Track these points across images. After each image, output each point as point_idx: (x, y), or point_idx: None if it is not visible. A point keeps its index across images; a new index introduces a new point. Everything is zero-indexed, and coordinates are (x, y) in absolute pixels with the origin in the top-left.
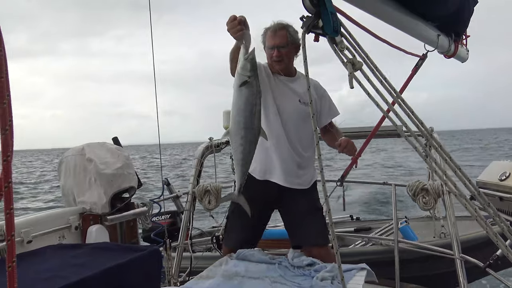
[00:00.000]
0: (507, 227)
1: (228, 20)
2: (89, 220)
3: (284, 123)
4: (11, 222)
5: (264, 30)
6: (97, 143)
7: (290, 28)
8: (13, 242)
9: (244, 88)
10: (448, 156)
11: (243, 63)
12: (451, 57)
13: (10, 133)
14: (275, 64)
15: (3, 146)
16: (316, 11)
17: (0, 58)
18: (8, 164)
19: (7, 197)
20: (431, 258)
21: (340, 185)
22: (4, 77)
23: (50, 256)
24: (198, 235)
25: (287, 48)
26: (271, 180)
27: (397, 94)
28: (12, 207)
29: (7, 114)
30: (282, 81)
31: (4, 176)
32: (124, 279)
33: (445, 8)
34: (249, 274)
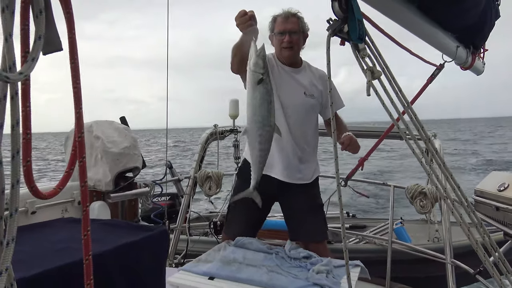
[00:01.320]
0: (488, 237)
1: (237, 15)
2: (92, 196)
3: (287, 116)
4: (86, 193)
5: (272, 18)
6: (105, 121)
7: (301, 17)
8: (87, 212)
9: (260, 87)
10: (442, 162)
11: (256, 60)
12: (467, 69)
13: None
14: (284, 51)
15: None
16: (344, 16)
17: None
18: (82, 140)
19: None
20: (423, 261)
21: (344, 185)
22: (78, 85)
23: (61, 229)
24: (195, 219)
25: (298, 35)
26: (272, 176)
27: (408, 104)
28: (86, 180)
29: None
30: (287, 72)
31: (79, 151)
32: (134, 256)
33: (466, 20)
34: (247, 261)
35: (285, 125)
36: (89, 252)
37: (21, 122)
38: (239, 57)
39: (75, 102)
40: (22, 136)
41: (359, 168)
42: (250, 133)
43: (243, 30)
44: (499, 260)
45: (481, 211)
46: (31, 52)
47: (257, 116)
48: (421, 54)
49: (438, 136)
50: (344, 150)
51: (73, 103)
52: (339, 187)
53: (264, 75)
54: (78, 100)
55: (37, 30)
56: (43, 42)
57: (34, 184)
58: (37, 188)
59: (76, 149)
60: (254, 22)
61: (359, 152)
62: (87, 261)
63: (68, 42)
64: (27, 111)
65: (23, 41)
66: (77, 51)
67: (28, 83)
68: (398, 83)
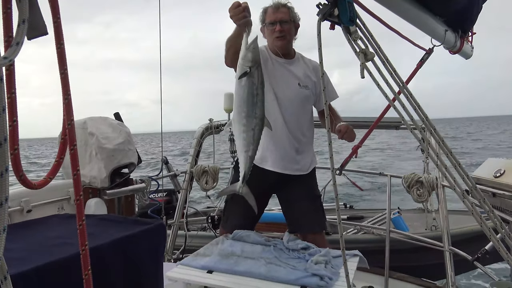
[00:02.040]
0: (500, 222)
1: (231, 6)
2: (88, 193)
3: (282, 107)
4: (78, 182)
5: (263, 9)
6: (99, 117)
7: (291, 7)
8: (81, 202)
9: (245, 79)
10: (450, 151)
11: (245, 53)
12: (456, 53)
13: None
14: (276, 41)
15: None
16: (333, 0)
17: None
18: (72, 127)
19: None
20: (421, 249)
21: (339, 173)
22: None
23: (57, 224)
24: (193, 214)
25: (289, 24)
26: (270, 169)
27: (403, 84)
28: (78, 168)
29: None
30: (281, 63)
31: (70, 139)
32: (133, 250)
33: (454, 4)
34: (245, 254)
35: (281, 117)
36: (85, 242)
37: (7, 109)
38: (233, 49)
39: (63, 88)
40: (9, 123)
41: (353, 155)
42: (235, 123)
43: (237, 21)
44: (507, 236)
45: (478, 197)
46: (15, 36)
47: (241, 107)
48: None
49: None
50: (340, 139)
51: (61, 90)
52: (334, 173)
53: (252, 68)
54: (66, 85)
55: (20, 14)
56: (27, 26)
57: (23, 173)
58: (26, 177)
59: (66, 136)
60: (248, 14)
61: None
62: (83, 251)
63: (53, 26)
64: (12, 97)
65: (6, 25)
66: (63, 35)
67: (13, 68)
68: (392, 64)
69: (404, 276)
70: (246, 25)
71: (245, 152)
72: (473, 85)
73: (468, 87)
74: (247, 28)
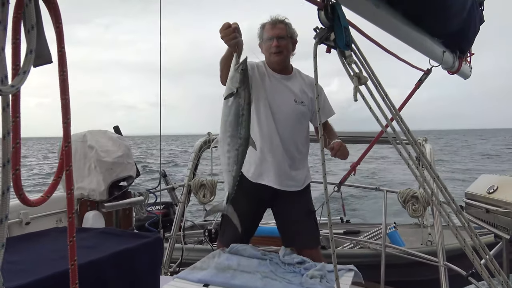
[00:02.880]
0: (476, 237)
1: (221, 27)
2: (86, 206)
3: (278, 124)
4: (71, 201)
5: (261, 25)
6: (99, 131)
7: (288, 23)
8: (73, 219)
9: (231, 99)
10: (429, 164)
11: (233, 74)
12: (454, 73)
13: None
14: (273, 56)
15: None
16: (330, 25)
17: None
18: (68, 149)
19: (68, 179)
20: (416, 264)
21: (338, 190)
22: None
23: (56, 238)
24: (190, 228)
25: (286, 40)
26: (264, 184)
27: (395, 110)
28: (72, 188)
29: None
30: (278, 79)
31: (66, 160)
32: (130, 263)
33: (451, 26)
34: (241, 268)
35: (276, 133)
36: (74, 258)
37: (11, 132)
38: (227, 69)
39: (63, 113)
40: (12, 145)
41: (352, 173)
42: (220, 143)
43: (227, 42)
44: (489, 261)
45: (472, 214)
46: (23, 65)
47: (226, 126)
48: (410, 61)
49: None
50: (333, 156)
51: (61, 115)
52: (326, 191)
53: (239, 89)
54: (66, 110)
55: (28, 45)
56: (34, 56)
57: (23, 191)
58: (25, 195)
59: (63, 158)
60: (239, 34)
61: (349, 158)
62: (72, 266)
63: (57, 55)
64: (16, 121)
65: (14, 54)
66: (66, 63)
67: (18, 94)
68: (384, 88)
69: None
70: (236, 45)
71: (229, 172)
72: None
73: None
74: (238, 49)
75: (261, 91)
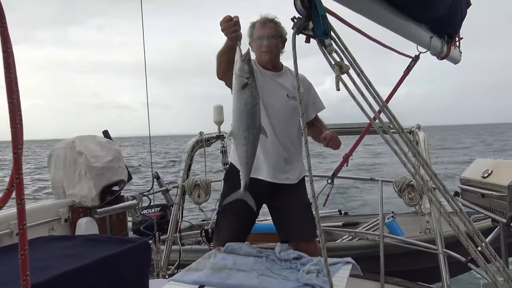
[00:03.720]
0: (469, 222)
1: (222, 20)
2: (78, 212)
3: (271, 118)
4: (22, 212)
5: (251, 24)
6: (87, 136)
7: (278, 22)
8: (25, 231)
9: (245, 90)
10: (417, 151)
11: (241, 65)
12: (443, 58)
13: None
14: (264, 55)
15: (13, 140)
16: (307, 14)
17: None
18: (18, 156)
19: (18, 189)
20: (415, 253)
21: (331, 183)
22: (12, 74)
23: (41, 247)
24: (188, 228)
25: (276, 39)
26: (259, 178)
27: (380, 99)
28: (23, 198)
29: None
30: (269, 76)
31: (16, 168)
32: (115, 270)
33: (437, 10)
34: (237, 266)
35: (270, 127)
36: (26, 273)
37: None
38: (225, 62)
39: (10, 117)
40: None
41: (344, 164)
42: (236, 135)
43: (228, 35)
44: (484, 247)
45: (468, 199)
46: None
47: (242, 119)
48: (394, 45)
49: None
50: (326, 146)
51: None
52: (312, 184)
53: (249, 80)
54: (14, 114)
55: None
56: None
57: None
58: None
59: (13, 166)
60: (239, 28)
61: (341, 148)
62: (24, 282)
63: (3, 56)
64: None
65: None
66: (14, 63)
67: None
68: (367, 76)
69: (400, 281)
70: (237, 38)
71: (246, 164)
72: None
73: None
74: (239, 41)
75: None
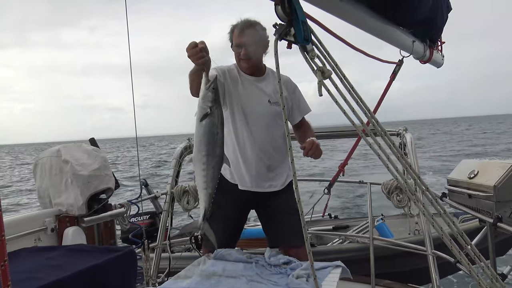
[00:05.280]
0: (452, 222)
1: (188, 46)
2: (65, 222)
3: (251, 126)
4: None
5: (231, 28)
6: (73, 145)
7: (257, 26)
8: (3, 242)
9: (206, 120)
10: (400, 154)
11: (205, 93)
12: (426, 62)
13: None
14: (243, 63)
15: None
16: (289, 20)
17: None
18: None
19: None
20: (405, 255)
21: (328, 193)
22: None
23: (25, 259)
24: (177, 235)
25: (255, 46)
26: (242, 189)
27: (363, 103)
28: None
29: None
30: (250, 81)
31: None
32: (100, 279)
33: (417, 15)
34: (226, 273)
35: (249, 135)
36: (8, 283)
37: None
38: (196, 83)
39: None
40: None
41: (340, 174)
42: (195, 162)
43: (195, 61)
44: (468, 248)
45: (455, 200)
46: None
47: (201, 145)
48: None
49: None
50: (305, 156)
51: None
52: (297, 190)
53: (212, 109)
54: None
55: None
56: None
57: None
58: None
59: None
60: (206, 53)
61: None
62: None
63: None
64: None
65: None
66: None
67: None
68: (349, 80)
69: (391, 283)
70: (204, 64)
71: (204, 189)
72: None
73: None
74: (206, 67)
75: (234, 96)
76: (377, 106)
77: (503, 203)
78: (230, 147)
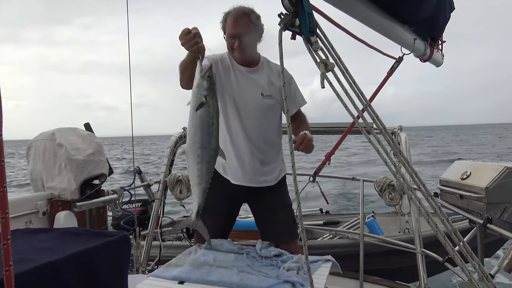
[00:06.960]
0: (447, 221)
1: (181, 33)
2: (57, 205)
3: (243, 119)
4: (4, 200)
5: (223, 16)
6: (68, 128)
7: (252, 15)
8: (7, 220)
9: (202, 109)
10: (399, 150)
11: (199, 82)
12: (426, 61)
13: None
14: (236, 53)
15: None
16: (294, 10)
17: None
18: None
19: None
20: (395, 252)
21: (313, 181)
22: None
23: (17, 240)
24: (169, 224)
25: (249, 36)
26: (236, 184)
27: (364, 97)
28: (5, 185)
29: None
30: (243, 72)
31: None
32: (93, 263)
33: (421, 13)
34: (218, 263)
35: (242, 129)
36: (10, 263)
37: None
38: (188, 74)
39: None
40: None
41: (326, 162)
42: (189, 154)
43: (189, 48)
44: (462, 246)
45: (446, 200)
46: None
47: (196, 136)
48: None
49: None
50: (296, 150)
51: None
52: (296, 182)
53: (207, 97)
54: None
55: None
56: None
57: None
58: None
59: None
60: (200, 40)
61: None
62: (7, 272)
63: None
64: None
65: None
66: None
67: None
68: (352, 75)
69: (379, 279)
70: (198, 51)
71: (198, 184)
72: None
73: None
74: (200, 54)
75: (226, 86)
76: (371, 98)
77: (494, 205)
78: (222, 140)
